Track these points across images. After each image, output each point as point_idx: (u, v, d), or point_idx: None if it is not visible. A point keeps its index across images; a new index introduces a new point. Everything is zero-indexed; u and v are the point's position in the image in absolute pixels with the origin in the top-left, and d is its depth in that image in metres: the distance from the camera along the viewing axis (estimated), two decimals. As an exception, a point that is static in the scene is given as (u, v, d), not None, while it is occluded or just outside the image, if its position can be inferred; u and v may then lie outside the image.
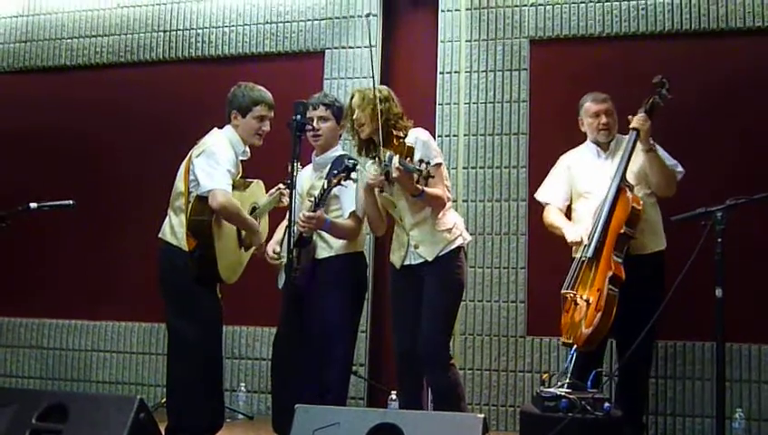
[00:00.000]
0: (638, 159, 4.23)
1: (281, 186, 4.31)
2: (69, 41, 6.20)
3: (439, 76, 5.39)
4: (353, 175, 3.84)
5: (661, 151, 4.24)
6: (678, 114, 4.87)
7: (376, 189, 3.94)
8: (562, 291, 4.10)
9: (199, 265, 3.88)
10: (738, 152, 4.87)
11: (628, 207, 4.04)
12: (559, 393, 3.55)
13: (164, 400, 4.24)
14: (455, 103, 5.35)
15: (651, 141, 4.17)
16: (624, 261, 4.03)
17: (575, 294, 4.03)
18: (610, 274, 3.95)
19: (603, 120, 4.35)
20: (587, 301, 3.96)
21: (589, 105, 4.42)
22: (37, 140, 6.12)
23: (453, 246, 3.87)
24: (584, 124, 4.46)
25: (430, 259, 3.84)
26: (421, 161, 3.54)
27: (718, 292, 3.25)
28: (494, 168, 5.26)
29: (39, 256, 5.99)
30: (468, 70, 5.35)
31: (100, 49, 6.12)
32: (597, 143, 4.42)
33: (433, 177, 3.58)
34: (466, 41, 5.38)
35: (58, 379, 5.91)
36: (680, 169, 4.32)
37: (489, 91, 5.33)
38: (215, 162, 3.88)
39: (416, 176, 3.55)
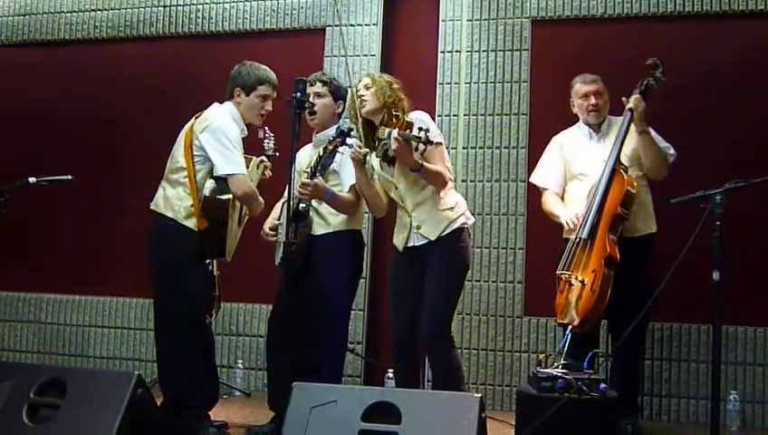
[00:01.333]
0: (631, 141, 4.26)
1: (263, 158, 4.32)
2: (68, 15, 6.17)
3: (440, 55, 5.38)
4: (349, 141, 3.82)
5: (654, 133, 4.26)
6: (679, 96, 4.87)
7: (376, 174, 3.96)
8: (557, 271, 4.12)
9: (208, 242, 3.91)
10: (738, 135, 4.87)
11: (623, 188, 4.06)
12: (555, 374, 3.55)
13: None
14: (455, 83, 5.33)
15: (645, 123, 4.19)
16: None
17: (570, 275, 4.05)
18: (606, 255, 3.97)
19: (593, 100, 4.38)
20: (582, 282, 3.98)
21: (579, 86, 4.45)
22: (36, 114, 6.11)
23: (455, 226, 3.86)
24: (575, 106, 4.49)
25: (433, 239, 3.83)
26: (420, 129, 3.53)
27: (715, 275, 3.25)
28: (494, 148, 5.25)
29: (37, 230, 5.99)
30: (469, 49, 5.34)
31: (100, 23, 6.10)
32: (588, 124, 4.44)
33: (432, 142, 3.56)
34: (468, 20, 5.36)
35: (55, 353, 5.93)
36: (672, 151, 4.34)
37: (490, 71, 5.31)
38: (228, 142, 3.87)
39: (414, 144, 3.55)
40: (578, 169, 4.38)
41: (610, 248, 3.99)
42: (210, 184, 3.90)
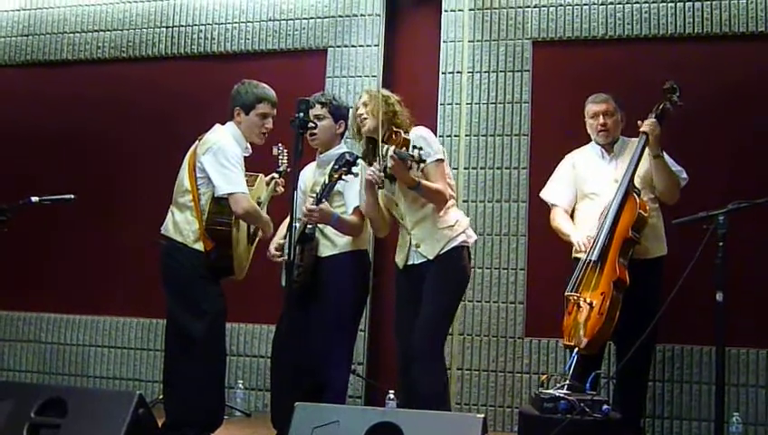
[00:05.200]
0: (644, 163, 4.23)
1: (274, 175, 4.35)
2: (71, 35, 6.19)
3: (441, 76, 5.39)
4: (354, 169, 3.83)
5: (667, 158, 4.23)
6: (681, 117, 4.87)
7: (379, 190, 3.95)
8: (566, 293, 4.09)
9: (216, 264, 3.93)
10: (741, 156, 4.88)
11: (635, 211, 4.04)
12: (558, 395, 3.54)
13: (161, 396, 4.23)
14: (456, 104, 5.35)
15: (660, 147, 4.17)
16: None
17: (578, 296, 4.01)
18: (615, 278, 3.95)
19: (601, 120, 4.35)
20: (590, 304, 3.94)
21: (589, 106, 4.43)
22: (38, 134, 6.12)
23: (454, 244, 3.82)
24: (587, 125, 4.46)
25: (431, 258, 3.81)
26: (414, 147, 3.52)
27: (719, 296, 3.25)
28: (495, 168, 5.26)
29: (38, 250, 5.98)
30: (471, 70, 5.35)
31: (102, 44, 6.12)
32: (600, 144, 4.42)
33: (424, 161, 3.55)
34: (469, 41, 5.38)
35: (55, 373, 5.90)
36: (684, 175, 4.33)
37: (491, 91, 5.32)
38: (228, 162, 3.87)
39: (409, 162, 3.54)
40: (589, 188, 4.36)
41: (620, 272, 3.97)
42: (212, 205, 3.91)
